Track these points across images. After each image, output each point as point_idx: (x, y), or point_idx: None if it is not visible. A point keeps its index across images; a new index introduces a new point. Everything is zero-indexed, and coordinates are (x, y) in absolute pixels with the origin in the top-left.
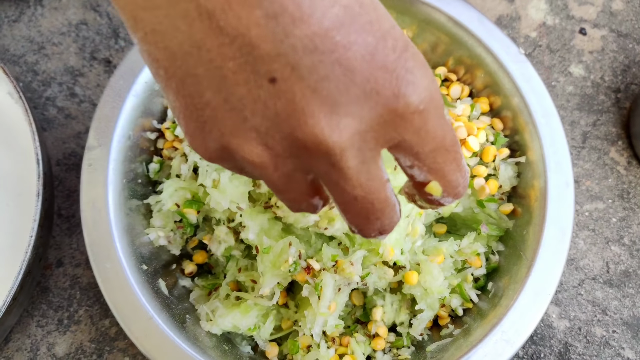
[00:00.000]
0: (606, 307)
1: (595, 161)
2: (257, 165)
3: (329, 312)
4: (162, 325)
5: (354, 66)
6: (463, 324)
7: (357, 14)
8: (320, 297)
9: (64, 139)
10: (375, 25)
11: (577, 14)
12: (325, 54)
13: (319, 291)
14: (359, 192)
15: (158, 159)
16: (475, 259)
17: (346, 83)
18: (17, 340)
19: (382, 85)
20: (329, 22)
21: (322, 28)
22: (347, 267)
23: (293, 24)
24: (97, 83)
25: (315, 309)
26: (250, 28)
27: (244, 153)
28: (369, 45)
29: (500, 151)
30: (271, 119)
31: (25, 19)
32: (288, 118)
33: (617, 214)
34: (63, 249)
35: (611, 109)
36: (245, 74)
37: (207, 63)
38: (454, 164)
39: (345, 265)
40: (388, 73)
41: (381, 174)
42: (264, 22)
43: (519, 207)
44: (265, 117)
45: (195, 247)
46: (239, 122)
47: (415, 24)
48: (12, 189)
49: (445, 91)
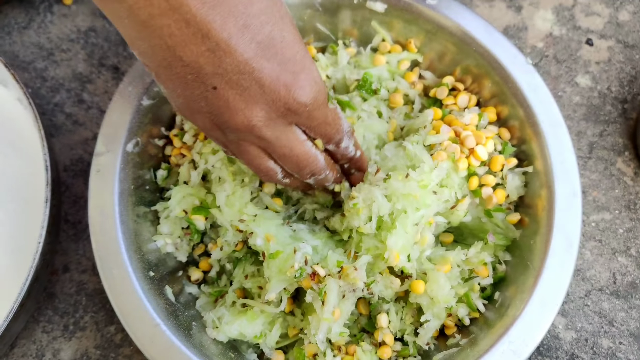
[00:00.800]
0: (613, 318)
1: (602, 172)
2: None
3: (333, 319)
4: (168, 332)
5: (264, 84)
6: (470, 333)
7: (267, 47)
8: (324, 303)
9: (72, 145)
10: (279, 55)
11: (584, 25)
12: (245, 74)
13: (322, 297)
14: (284, 150)
15: (166, 165)
16: (482, 268)
17: (260, 93)
18: (23, 346)
19: (283, 95)
20: (247, 55)
21: (244, 59)
22: (351, 272)
23: (225, 56)
24: (105, 90)
25: (319, 315)
26: (199, 57)
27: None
28: (274, 70)
29: (508, 160)
30: (216, 109)
31: (34, 26)
32: (226, 110)
33: (624, 224)
34: (69, 255)
35: (618, 120)
36: (197, 83)
37: (176, 75)
38: (334, 130)
39: (350, 271)
40: (286, 88)
41: (297, 137)
42: (207, 54)
43: (526, 217)
44: (213, 108)
45: (201, 254)
46: (197, 108)
47: (422, 34)
48: (20, 195)
49: (453, 100)
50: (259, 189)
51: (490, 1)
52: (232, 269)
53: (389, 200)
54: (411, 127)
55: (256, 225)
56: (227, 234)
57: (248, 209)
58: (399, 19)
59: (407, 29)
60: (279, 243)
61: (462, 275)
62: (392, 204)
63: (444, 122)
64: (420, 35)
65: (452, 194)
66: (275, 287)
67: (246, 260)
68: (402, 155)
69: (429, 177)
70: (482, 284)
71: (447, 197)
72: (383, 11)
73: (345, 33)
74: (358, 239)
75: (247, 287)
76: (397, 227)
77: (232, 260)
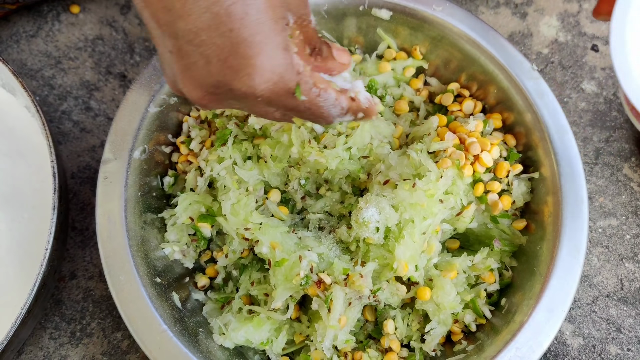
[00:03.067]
0: (621, 324)
1: (608, 177)
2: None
3: (339, 326)
4: (175, 338)
5: (211, 61)
6: (476, 340)
7: (222, 22)
8: (331, 310)
9: (79, 152)
10: (234, 33)
11: (589, 31)
12: (194, 46)
13: (328, 304)
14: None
15: (173, 172)
16: (489, 274)
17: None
18: (30, 353)
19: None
20: (200, 24)
21: (195, 27)
22: (357, 279)
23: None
24: (112, 97)
25: (325, 322)
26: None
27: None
28: (224, 49)
29: (513, 167)
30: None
31: (42, 34)
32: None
33: (631, 230)
34: (76, 262)
35: (624, 126)
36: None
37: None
38: (314, 117)
39: (355, 278)
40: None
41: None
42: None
43: (532, 223)
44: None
45: (208, 261)
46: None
47: (428, 41)
48: (28, 202)
49: (458, 107)
50: (265, 197)
51: (495, 8)
52: (238, 276)
53: (396, 210)
54: (416, 133)
55: (261, 234)
56: (233, 243)
57: (253, 217)
58: (404, 26)
59: (413, 35)
60: (285, 251)
61: (469, 282)
62: (399, 214)
63: (449, 129)
64: (425, 42)
65: (458, 200)
66: (281, 295)
67: (252, 266)
68: (406, 163)
69: (436, 186)
70: (489, 290)
71: (452, 204)
72: (388, 18)
73: (350, 40)
74: (365, 249)
75: (254, 294)
76: (405, 237)
77: (238, 267)
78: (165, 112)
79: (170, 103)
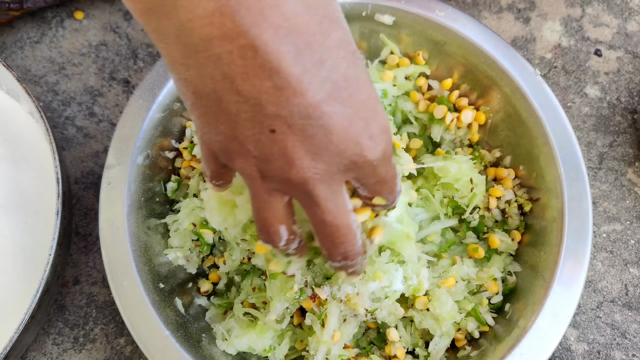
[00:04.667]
0: (625, 330)
1: (612, 182)
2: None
3: (332, 342)
4: (177, 344)
5: (333, 131)
6: (480, 345)
7: (341, 88)
8: (324, 326)
9: (83, 157)
10: (354, 97)
11: (593, 36)
12: (313, 119)
13: (322, 320)
14: (327, 216)
15: (176, 177)
16: (492, 283)
17: (326, 142)
18: (33, 359)
19: (351, 148)
20: (320, 97)
21: (315, 101)
22: (352, 297)
23: (294, 96)
24: (116, 103)
25: (318, 337)
26: (261, 94)
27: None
28: (346, 116)
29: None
30: (267, 155)
31: (46, 40)
32: (280, 157)
33: (635, 235)
34: (80, 267)
35: (628, 130)
36: (253, 123)
37: (224, 110)
38: (387, 189)
39: (352, 295)
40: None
41: (345, 204)
42: (272, 92)
43: (536, 228)
44: (263, 152)
45: (211, 266)
46: (242, 150)
47: (430, 46)
48: (31, 207)
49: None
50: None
51: (498, 13)
52: (240, 281)
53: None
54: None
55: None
56: (234, 253)
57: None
58: (407, 31)
59: (416, 41)
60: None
61: (470, 289)
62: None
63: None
64: (428, 47)
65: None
66: (277, 307)
67: (254, 272)
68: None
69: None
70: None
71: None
72: (391, 23)
73: None
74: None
75: (252, 302)
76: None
77: (240, 273)
78: (169, 118)
79: (174, 108)
